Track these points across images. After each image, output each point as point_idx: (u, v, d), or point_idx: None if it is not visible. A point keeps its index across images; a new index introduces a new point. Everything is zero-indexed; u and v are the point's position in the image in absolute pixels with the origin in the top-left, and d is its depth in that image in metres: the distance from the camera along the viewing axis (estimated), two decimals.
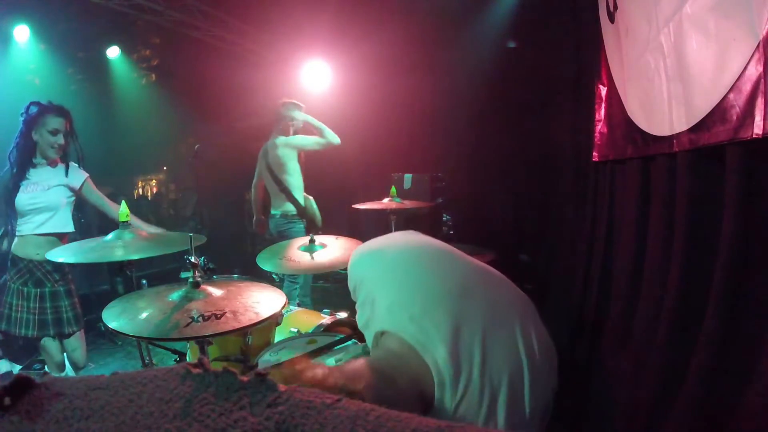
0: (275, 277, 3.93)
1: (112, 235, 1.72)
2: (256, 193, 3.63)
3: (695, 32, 1.31)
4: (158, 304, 1.23)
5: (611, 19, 2.04)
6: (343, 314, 2.01)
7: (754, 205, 1.15)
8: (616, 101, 2.05)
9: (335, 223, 3.67)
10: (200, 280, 1.30)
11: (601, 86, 2.25)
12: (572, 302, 2.46)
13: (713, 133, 1.23)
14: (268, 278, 3.27)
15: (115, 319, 1.18)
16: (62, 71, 5.02)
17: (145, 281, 1.90)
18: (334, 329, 1.78)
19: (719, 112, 1.20)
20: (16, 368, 2.88)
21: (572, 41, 2.75)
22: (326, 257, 1.89)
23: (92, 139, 2.41)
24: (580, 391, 1.93)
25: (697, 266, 1.35)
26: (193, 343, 1.65)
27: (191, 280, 1.29)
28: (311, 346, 1.58)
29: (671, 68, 1.48)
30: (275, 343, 1.69)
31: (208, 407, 0.35)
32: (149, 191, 8.74)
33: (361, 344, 1.49)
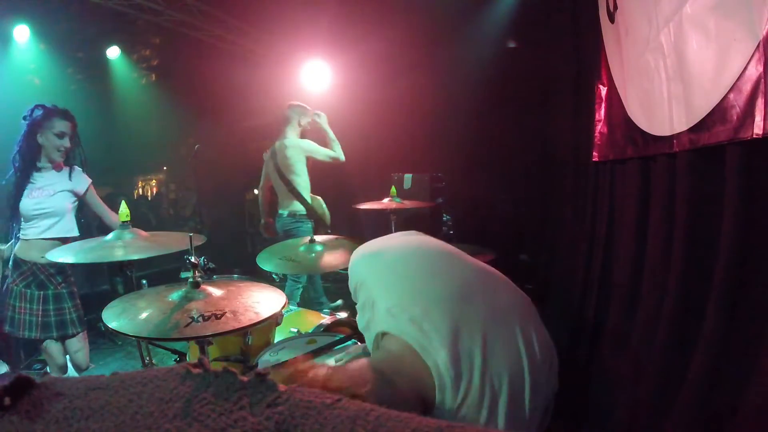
0: (275, 277, 3.94)
1: (112, 235, 1.72)
2: (263, 194, 3.64)
3: (695, 32, 1.31)
4: (158, 304, 1.23)
5: (611, 19, 2.04)
6: (343, 314, 2.01)
7: (754, 205, 1.15)
8: (616, 101, 2.05)
9: (335, 223, 3.67)
10: (200, 280, 1.30)
11: (601, 86, 2.25)
12: (572, 302, 2.45)
13: (713, 133, 1.23)
14: (268, 278, 3.28)
15: (115, 319, 1.17)
16: (62, 71, 5.02)
17: (145, 281, 1.90)
18: (334, 329, 1.78)
19: (719, 112, 1.20)
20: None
21: (572, 41, 2.75)
22: (326, 257, 1.89)
23: (92, 139, 2.41)
24: (580, 391, 1.93)
25: (697, 266, 1.35)
26: (193, 343, 1.64)
27: (191, 280, 1.29)
28: (311, 346, 1.58)
29: (671, 68, 1.48)
30: (275, 343, 1.69)
31: (208, 407, 0.36)
32: (149, 191, 8.74)
33: (361, 344, 1.49)
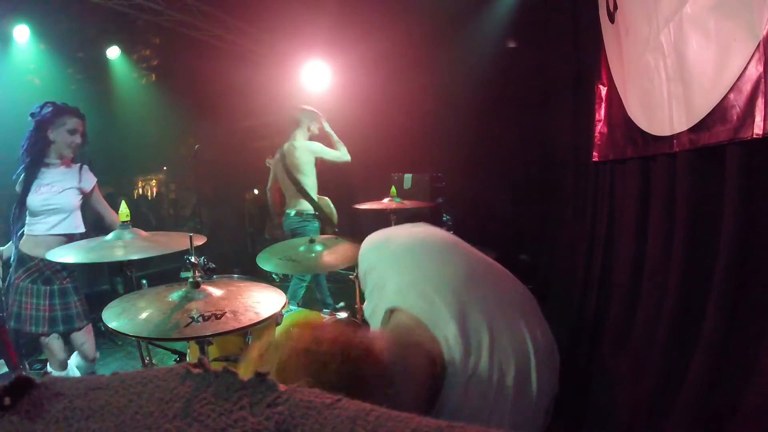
0: (275, 277, 3.94)
1: (112, 235, 1.72)
2: (271, 196, 3.70)
3: (695, 32, 1.31)
4: (158, 304, 1.23)
5: (611, 19, 2.03)
6: (342, 315, 2.01)
7: (754, 205, 1.15)
8: (616, 101, 2.05)
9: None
10: (200, 280, 1.30)
11: (601, 86, 2.25)
12: (572, 302, 2.45)
13: (713, 133, 1.23)
14: (268, 278, 3.28)
15: (115, 319, 1.17)
16: (62, 71, 5.01)
17: (145, 281, 1.90)
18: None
19: (719, 112, 1.20)
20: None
21: (572, 41, 2.75)
22: (326, 257, 1.90)
23: (92, 139, 2.42)
24: (580, 391, 1.93)
25: (697, 266, 1.35)
26: (193, 343, 1.65)
27: (191, 280, 1.29)
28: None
29: (671, 68, 1.48)
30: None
31: (208, 407, 0.35)
32: (149, 191, 8.73)
33: None
